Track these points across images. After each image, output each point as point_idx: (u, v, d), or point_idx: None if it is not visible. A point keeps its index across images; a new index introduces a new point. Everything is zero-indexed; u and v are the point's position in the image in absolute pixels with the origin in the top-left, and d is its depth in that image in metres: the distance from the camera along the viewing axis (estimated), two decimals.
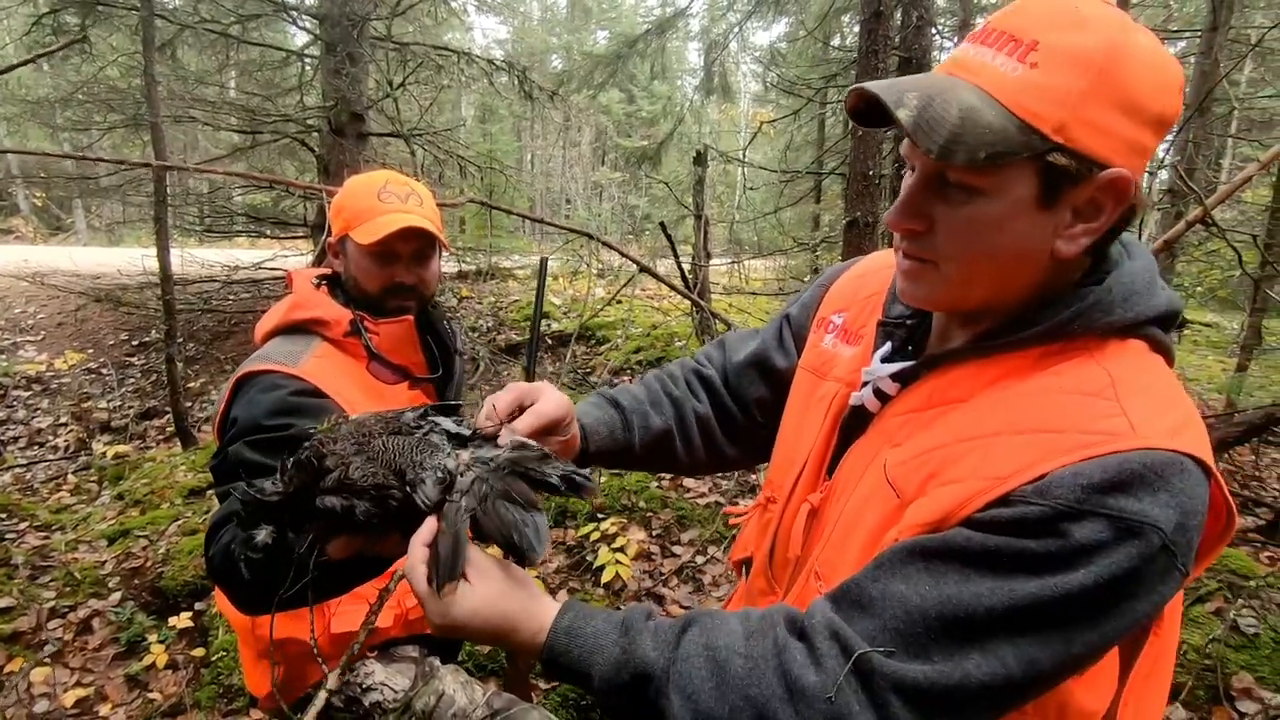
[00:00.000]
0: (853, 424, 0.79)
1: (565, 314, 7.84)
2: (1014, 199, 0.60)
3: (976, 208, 0.61)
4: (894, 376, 0.74)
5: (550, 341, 6.90)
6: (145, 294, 6.54)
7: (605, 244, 2.81)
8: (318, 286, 1.33)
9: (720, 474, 3.72)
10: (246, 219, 7.36)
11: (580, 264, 9.23)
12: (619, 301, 7.22)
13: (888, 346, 0.78)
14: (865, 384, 0.77)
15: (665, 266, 4.48)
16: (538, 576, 2.84)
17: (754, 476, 3.44)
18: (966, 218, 0.62)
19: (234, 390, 1.15)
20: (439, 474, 0.70)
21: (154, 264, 5.00)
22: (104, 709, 2.67)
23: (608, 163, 26.62)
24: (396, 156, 7.30)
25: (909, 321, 0.79)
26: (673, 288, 3.14)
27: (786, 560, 0.80)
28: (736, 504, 3.27)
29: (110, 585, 3.19)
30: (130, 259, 7.11)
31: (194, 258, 6.96)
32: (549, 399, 0.83)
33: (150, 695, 2.72)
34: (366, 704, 1.25)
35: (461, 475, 0.71)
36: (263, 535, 0.74)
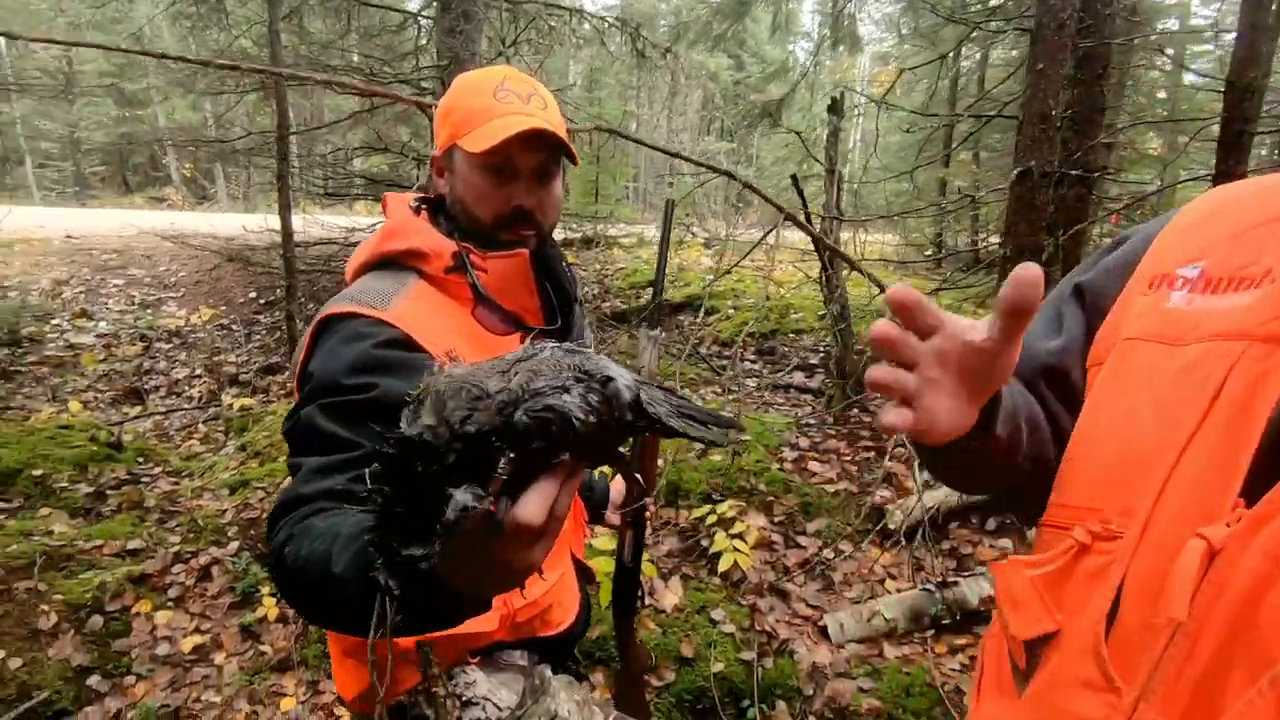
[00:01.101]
0: None
1: (672, 283, 7.58)
2: None
3: None
4: None
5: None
6: (271, 254, 6.84)
7: (746, 184, 2.49)
8: (417, 211, 1.09)
9: (869, 470, 3.33)
10: (364, 182, 7.53)
11: (685, 234, 8.94)
12: (729, 272, 6.88)
13: None
14: None
15: (786, 237, 4.07)
16: (650, 561, 2.60)
17: (891, 463, 3.03)
18: None
19: (314, 336, 0.93)
20: (614, 362, 0.56)
21: (278, 223, 5.15)
22: (219, 657, 2.70)
23: (713, 132, 25.90)
24: None
25: None
26: (812, 234, 2.77)
27: (1152, 632, 0.47)
28: (871, 494, 2.88)
29: (229, 534, 3.26)
30: (258, 222, 7.50)
31: (315, 220, 7.21)
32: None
33: (261, 648, 2.73)
34: None
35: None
36: (465, 496, 0.47)
